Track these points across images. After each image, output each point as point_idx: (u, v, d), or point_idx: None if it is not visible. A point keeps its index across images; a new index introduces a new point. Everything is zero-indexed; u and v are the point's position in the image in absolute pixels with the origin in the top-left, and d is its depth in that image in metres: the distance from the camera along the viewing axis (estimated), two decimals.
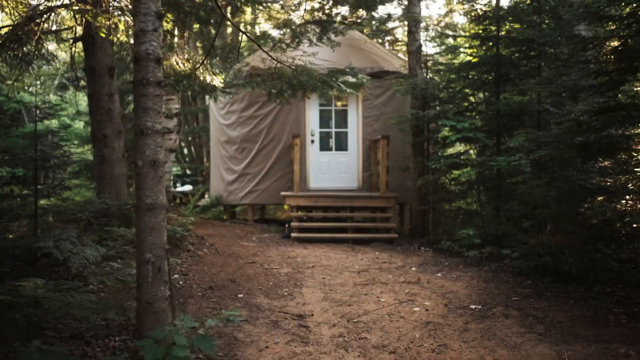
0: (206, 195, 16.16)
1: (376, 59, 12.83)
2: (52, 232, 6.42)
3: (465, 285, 7.22)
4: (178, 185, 17.55)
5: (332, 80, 5.81)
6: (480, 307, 6.20)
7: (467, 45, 12.12)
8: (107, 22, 6.92)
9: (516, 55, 10.01)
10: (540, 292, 6.82)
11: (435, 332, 5.33)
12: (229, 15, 4.94)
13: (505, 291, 6.91)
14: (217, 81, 6.23)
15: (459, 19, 17.79)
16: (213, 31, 14.37)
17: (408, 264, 8.56)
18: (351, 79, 6.21)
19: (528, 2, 10.23)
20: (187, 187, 16.72)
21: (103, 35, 7.00)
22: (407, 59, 11.97)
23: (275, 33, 10.02)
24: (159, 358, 2.59)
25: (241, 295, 6.50)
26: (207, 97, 7.69)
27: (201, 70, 5.94)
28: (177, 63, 6.06)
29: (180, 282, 6.75)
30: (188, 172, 20.66)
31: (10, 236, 7.76)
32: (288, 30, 7.43)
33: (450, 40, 13.16)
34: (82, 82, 12.55)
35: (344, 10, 11.86)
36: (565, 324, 5.57)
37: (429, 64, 10.99)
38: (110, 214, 8.77)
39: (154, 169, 2.93)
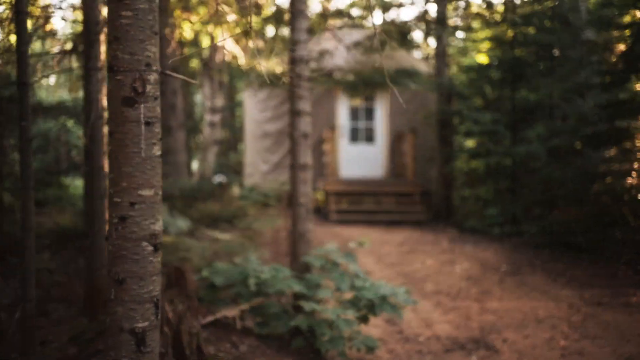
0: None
1: (398, 59, 14.02)
2: None
3: (493, 253, 8.44)
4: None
5: (399, 78, 7.04)
6: (509, 267, 7.42)
7: (483, 46, 13.32)
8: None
9: (530, 56, 11.23)
10: (558, 258, 8.05)
11: (478, 282, 6.56)
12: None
13: (528, 257, 8.13)
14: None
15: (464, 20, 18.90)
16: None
17: (439, 239, 9.79)
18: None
19: (539, 7, 11.46)
20: (220, 177, 17.88)
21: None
22: (422, 58, 13.31)
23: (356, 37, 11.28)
24: (323, 264, 3.81)
25: None
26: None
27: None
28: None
29: None
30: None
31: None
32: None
33: (464, 42, 14.40)
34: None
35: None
36: (583, 277, 6.80)
37: (453, 63, 12.22)
38: (174, 197, 9.99)
39: (304, 140, 4.12)
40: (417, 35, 15.70)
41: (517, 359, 4.38)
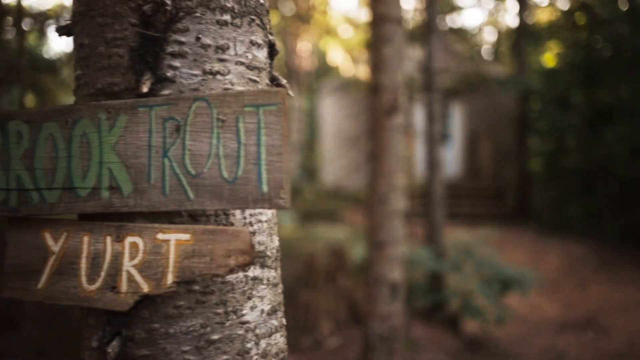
0: None
1: (475, 63, 14.43)
2: None
3: (578, 248, 8.84)
4: None
5: (478, 82, 7.61)
6: (598, 261, 7.83)
7: (558, 49, 13.58)
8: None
9: (607, 58, 11.47)
10: None
11: (572, 272, 7.03)
12: None
13: (613, 252, 8.50)
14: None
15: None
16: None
17: (521, 234, 10.22)
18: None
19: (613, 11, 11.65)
20: (298, 176, 18.62)
21: None
22: (495, 61, 13.78)
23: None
24: (458, 246, 4.43)
25: None
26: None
27: None
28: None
29: None
30: None
31: None
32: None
33: (540, 45, 14.67)
34: None
35: None
36: None
37: (529, 66, 12.58)
38: None
39: (440, 143, 4.75)
40: (490, 37, 16.12)
41: (628, 338, 4.86)
